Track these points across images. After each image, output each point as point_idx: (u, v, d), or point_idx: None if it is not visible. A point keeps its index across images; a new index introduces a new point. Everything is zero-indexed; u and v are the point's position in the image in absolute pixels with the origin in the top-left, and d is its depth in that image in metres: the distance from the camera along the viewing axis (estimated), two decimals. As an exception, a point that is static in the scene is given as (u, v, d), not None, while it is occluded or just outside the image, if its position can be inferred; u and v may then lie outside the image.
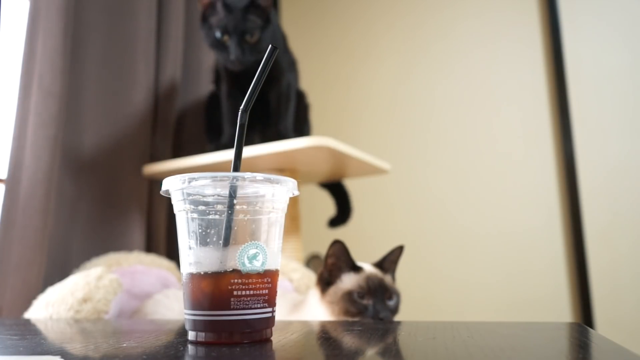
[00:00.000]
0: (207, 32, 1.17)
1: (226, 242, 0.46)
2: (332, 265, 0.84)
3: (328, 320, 0.79)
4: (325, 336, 0.54)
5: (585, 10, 1.77)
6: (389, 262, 0.89)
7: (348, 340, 0.50)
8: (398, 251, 0.89)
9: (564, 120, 1.75)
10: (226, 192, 0.46)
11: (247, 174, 0.46)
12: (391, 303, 0.83)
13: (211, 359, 0.40)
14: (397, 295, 0.85)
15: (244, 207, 0.46)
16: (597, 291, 1.65)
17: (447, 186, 1.89)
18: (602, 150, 1.70)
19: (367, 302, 0.81)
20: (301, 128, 1.34)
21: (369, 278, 0.83)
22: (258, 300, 0.46)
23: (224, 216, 0.46)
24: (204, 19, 1.18)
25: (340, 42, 2.14)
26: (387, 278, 0.86)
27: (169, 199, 0.50)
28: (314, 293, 0.86)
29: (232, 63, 1.15)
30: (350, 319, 0.80)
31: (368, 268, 0.86)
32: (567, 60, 1.76)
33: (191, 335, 0.47)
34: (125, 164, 1.27)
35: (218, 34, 1.14)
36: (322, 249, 2.00)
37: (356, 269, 0.85)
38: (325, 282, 0.85)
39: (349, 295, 0.81)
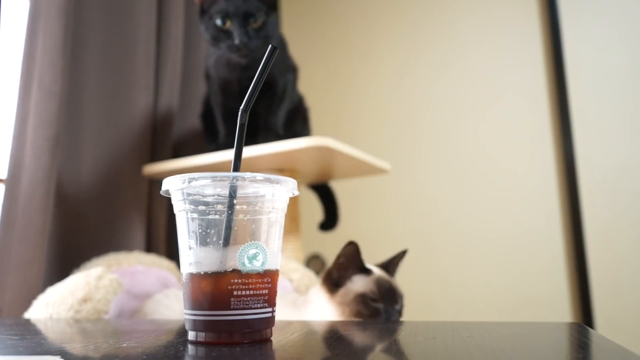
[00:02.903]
0: (207, 23, 1.09)
1: (226, 242, 0.46)
2: (341, 265, 0.84)
3: (328, 320, 0.79)
4: (325, 336, 0.54)
5: (585, 10, 1.77)
6: (393, 265, 0.89)
7: (348, 341, 0.50)
8: (402, 255, 0.90)
9: (564, 120, 1.75)
10: (226, 192, 0.46)
11: (247, 174, 0.46)
12: (398, 306, 0.83)
13: (211, 359, 0.40)
14: (402, 298, 0.85)
15: (244, 207, 0.46)
16: (597, 291, 1.64)
17: (446, 186, 1.89)
18: (602, 150, 1.70)
19: (379, 305, 0.81)
20: (301, 131, 1.33)
21: (379, 281, 0.83)
22: (258, 300, 0.46)
23: (224, 216, 0.46)
24: (202, 12, 1.11)
25: (339, 42, 2.14)
26: (394, 281, 0.86)
27: (169, 199, 0.50)
28: (320, 293, 0.85)
29: (238, 50, 1.06)
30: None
31: (376, 271, 0.86)
32: (567, 60, 1.76)
33: (191, 335, 0.47)
34: (125, 164, 1.27)
35: (219, 21, 1.06)
36: (322, 249, 2.00)
37: (365, 271, 0.84)
38: (333, 282, 0.84)
39: (362, 298, 0.80)
